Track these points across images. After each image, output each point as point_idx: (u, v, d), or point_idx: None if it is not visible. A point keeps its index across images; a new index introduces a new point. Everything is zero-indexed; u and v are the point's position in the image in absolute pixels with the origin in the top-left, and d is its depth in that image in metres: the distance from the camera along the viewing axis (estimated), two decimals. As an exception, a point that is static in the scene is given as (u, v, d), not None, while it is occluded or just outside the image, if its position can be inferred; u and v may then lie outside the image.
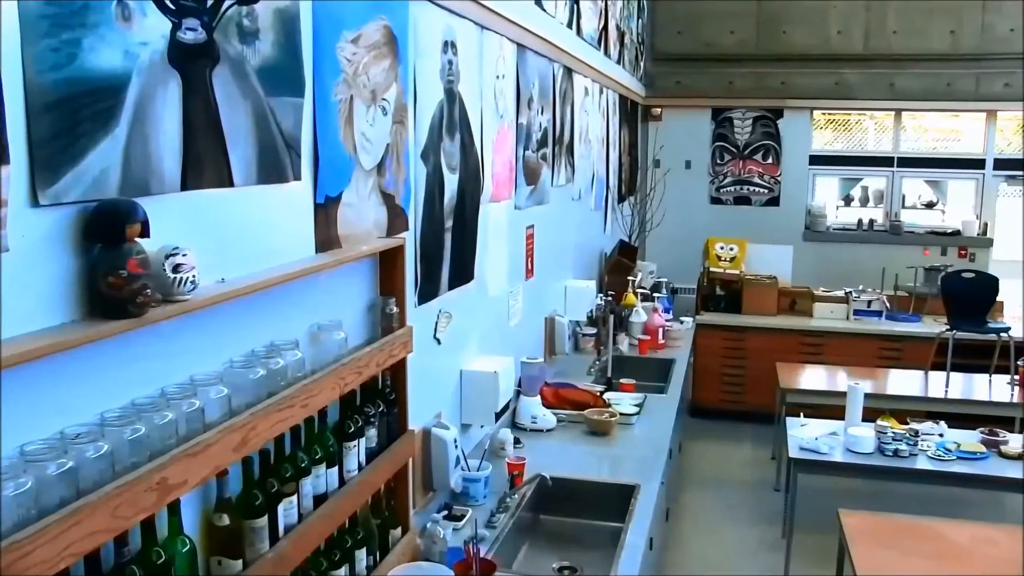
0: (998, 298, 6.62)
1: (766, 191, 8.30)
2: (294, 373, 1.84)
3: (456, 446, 2.93)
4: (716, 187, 8.39)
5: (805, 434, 4.69)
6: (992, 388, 5.92)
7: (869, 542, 3.49)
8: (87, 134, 1.33)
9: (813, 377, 6.19)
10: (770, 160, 8.27)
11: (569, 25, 4.70)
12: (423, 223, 2.77)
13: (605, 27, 5.85)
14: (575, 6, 4.82)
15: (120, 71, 1.39)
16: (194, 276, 1.49)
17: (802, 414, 5.08)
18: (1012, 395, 5.70)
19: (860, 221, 8.23)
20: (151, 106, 1.47)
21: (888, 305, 7.14)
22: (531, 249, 4.22)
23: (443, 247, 2.98)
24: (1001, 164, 8.08)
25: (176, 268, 1.45)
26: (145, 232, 1.38)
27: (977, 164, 8.08)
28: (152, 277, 1.39)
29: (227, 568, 1.67)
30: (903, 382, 6.06)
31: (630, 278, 6.00)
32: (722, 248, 7.62)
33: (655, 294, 6.32)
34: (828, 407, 5.32)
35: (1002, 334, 6.29)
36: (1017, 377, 5.75)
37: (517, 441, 3.55)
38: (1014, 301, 7.06)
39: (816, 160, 8.29)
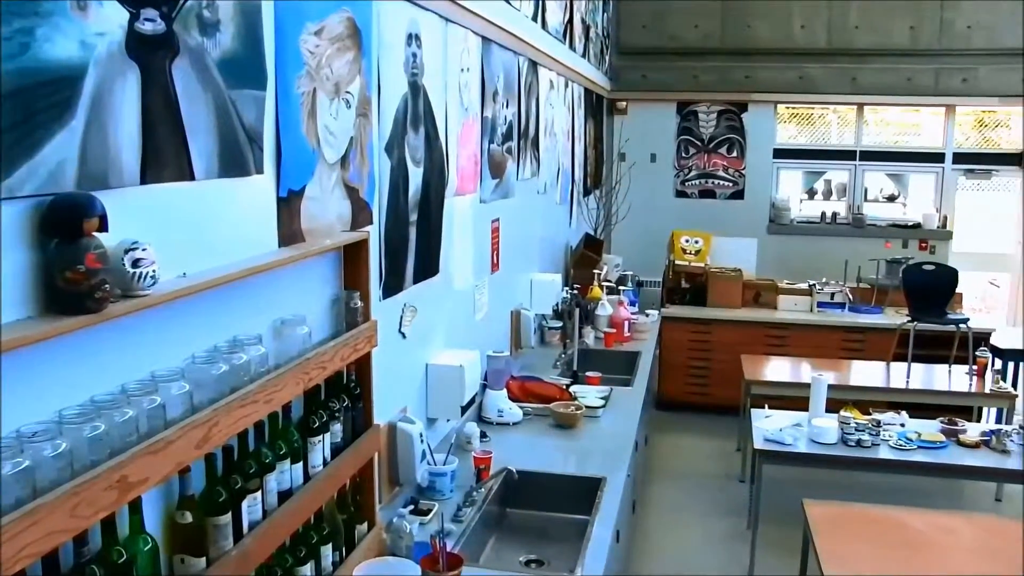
0: (957, 290, 6.73)
1: (731, 184, 8.37)
2: (257, 368, 1.83)
3: (422, 440, 2.92)
4: (681, 180, 8.44)
5: (770, 425, 4.73)
6: (951, 378, 6.02)
7: (833, 531, 3.53)
8: (42, 126, 1.30)
9: (777, 369, 6.25)
10: (735, 154, 8.34)
11: (534, 18, 4.69)
12: (387, 217, 2.76)
13: (570, 21, 5.85)
14: (540, 0, 4.82)
15: (76, 62, 1.36)
16: (154, 271, 1.46)
17: (767, 406, 5.13)
18: (970, 385, 5.80)
19: (823, 214, 8.33)
20: (109, 98, 1.44)
21: (851, 297, 7.23)
22: (496, 243, 4.21)
23: (408, 241, 2.97)
24: (959, 158, 8.22)
25: (136, 263, 1.43)
26: (103, 226, 1.35)
27: (937, 158, 8.21)
28: (111, 272, 1.37)
29: (190, 566, 1.65)
30: (865, 373, 6.14)
31: (596, 271, 6.01)
32: (687, 241, 7.67)
33: (621, 287, 6.33)
34: (792, 398, 5.38)
35: (961, 325, 6.40)
36: (975, 367, 5.85)
37: (483, 435, 3.54)
38: (973, 293, 7.19)
39: (780, 154, 8.38)
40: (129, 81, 1.49)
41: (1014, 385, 6.50)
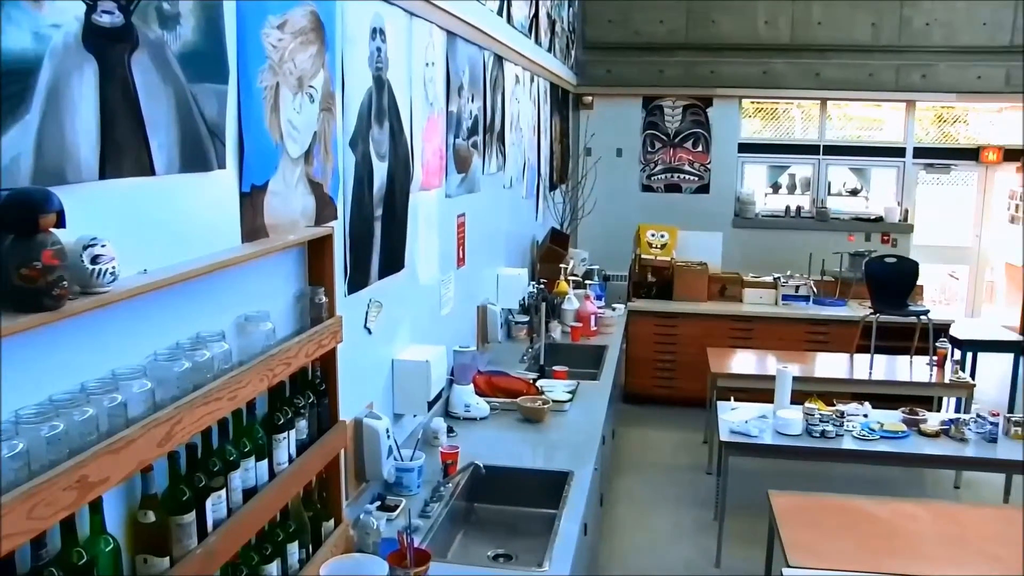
0: (918, 282, 6.84)
1: (696, 179, 8.42)
2: (220, 365, 1.80)
3: (388, 436, 2.91)
4: (647, 175, 8.48)
5: (735, 418, 4.78)
6: (912, 369, 6.11)
7: (798, 521, 3.57)
8: (-5, 120, 1.27)
9: (743, 362, 6.31)
10: (700, 148, 8.39)
11: (500, 13, 4.68)
12: (352, 212, 2.74)
13: (536, 15, 5.85)
14: (505, -6, 4.81)
15: (30, 54, 1.34)
16: (114, 267, 1.44)
17: (732, 398, 5.18)
18: (931, 375, 5.89)
19: (788, 208, 8.42)
20: (66, 91, 1.42)
21: (815, 290, 7.31)
22: (462, 237, 4.20)
23: (373, 236, 2.95)
24: (920, 152, 8.35)
25: (95, 259, 1.41)
26: (61, 222, 1.33)
27: (898, 152, 8.33)
28: (69, 269, 1.34)
29: (153, 566, 1.63)
30: (829, 365, 6.22)
31: (562, 266, 6.03)
32: (653, 235, 7.71)
33: (587, 281, 6.36)
34: (758, 391, 5.43)
35: (922, 317, 6.50)
36: (935, 358, 5.95)
37: (450, 430, 3.54)
38: (934, 285, 7.30)
39: (745, 148, 8.46)
40: (86, 74, 1.47)
41: (972, 375, 6.62)
